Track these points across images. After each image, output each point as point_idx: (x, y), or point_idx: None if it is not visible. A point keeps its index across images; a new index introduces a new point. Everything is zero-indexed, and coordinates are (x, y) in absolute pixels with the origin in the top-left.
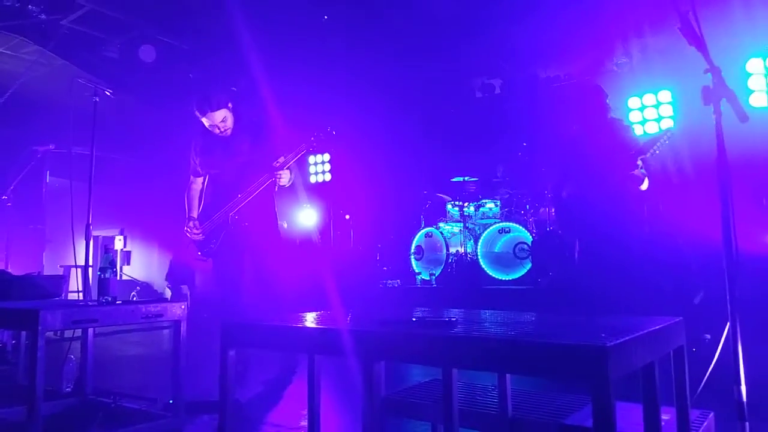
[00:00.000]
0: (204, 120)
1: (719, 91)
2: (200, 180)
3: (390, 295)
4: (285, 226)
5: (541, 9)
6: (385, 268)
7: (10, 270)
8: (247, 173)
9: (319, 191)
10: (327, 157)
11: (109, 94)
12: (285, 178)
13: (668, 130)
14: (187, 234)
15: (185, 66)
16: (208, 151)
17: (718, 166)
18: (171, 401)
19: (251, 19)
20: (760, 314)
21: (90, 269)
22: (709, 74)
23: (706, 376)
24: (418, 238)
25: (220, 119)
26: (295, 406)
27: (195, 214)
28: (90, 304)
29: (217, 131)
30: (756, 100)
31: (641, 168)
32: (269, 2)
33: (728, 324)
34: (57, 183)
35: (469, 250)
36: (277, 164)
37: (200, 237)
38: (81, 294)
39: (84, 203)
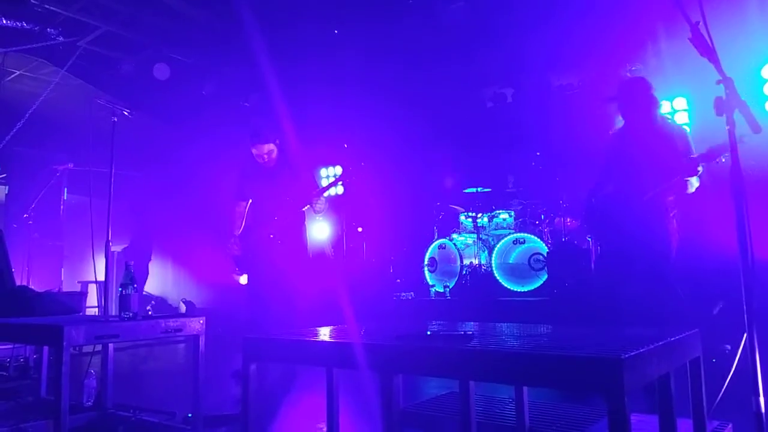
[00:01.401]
0: (253, 150)
1: (732, 102)
2: (243, 203)
3: (404, 307)
4: None
5: (553, 16)
6: (398, 281)
7: (31, 286)
8: (286, 200)
9: (331, 204)
10: (339, 169)
11: (127, 114)
12: (321, 205)
13: (740, 137)
14: (227, 250)
15: (198, 83)
16: (252, 177)
17: (732, 176)
18: (190, 415)
19: (262, 35)
20: None
21: (108, 285)
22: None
23: (723, 387)
24: (431, 250)
25: (266, 151)
26: (311, 417)
27: (236, 233)
28: (111, 319)
29: (262, 161)
30: None
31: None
32: (280, 17)
33: (745, 334)
34: (74, 200)
35: (483, 262)
36: (316, 192)
37: (237, 252)
38: (98, 309)
39: (101, 220)
